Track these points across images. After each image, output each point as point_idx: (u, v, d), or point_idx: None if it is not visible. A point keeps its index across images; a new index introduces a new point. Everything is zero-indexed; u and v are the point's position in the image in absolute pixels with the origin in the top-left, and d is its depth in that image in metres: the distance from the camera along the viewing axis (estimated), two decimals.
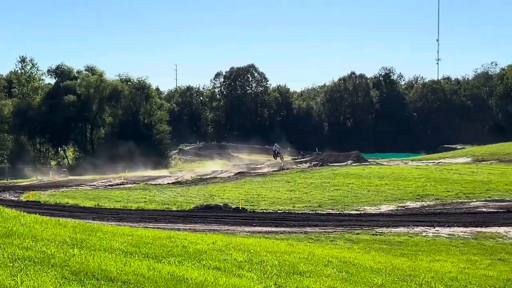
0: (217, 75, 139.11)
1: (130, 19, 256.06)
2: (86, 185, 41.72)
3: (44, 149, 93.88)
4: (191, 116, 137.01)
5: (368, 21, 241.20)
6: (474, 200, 30.59)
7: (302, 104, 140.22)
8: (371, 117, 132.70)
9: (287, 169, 54.44)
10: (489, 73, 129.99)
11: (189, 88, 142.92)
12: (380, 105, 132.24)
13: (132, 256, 9.19)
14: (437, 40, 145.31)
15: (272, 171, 52.86)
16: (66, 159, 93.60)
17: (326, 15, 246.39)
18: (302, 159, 73.40)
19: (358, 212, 27.15)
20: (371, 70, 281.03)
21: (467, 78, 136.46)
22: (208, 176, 48.71)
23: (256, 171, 53.53)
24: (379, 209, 28.65)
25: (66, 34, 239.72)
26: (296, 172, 49.75)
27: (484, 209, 27.08)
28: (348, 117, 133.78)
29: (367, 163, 61.69)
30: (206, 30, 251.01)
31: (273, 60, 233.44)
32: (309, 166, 57.09)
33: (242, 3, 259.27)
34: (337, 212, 27.04)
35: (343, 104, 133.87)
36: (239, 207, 27.93)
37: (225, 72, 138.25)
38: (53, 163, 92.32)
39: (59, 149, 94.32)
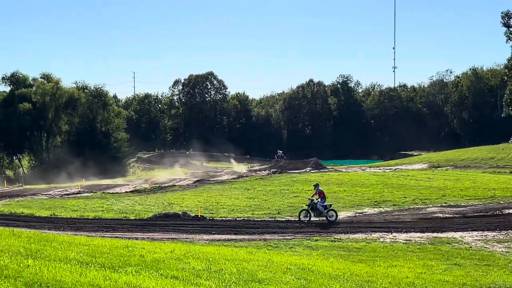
0: (176, 82, 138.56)
1: (87, 26, 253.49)
2: (42, 194, 40.98)
3: None
4: (150, 124, 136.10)
5: (326, 29, 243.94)
6: (431, 206, 31.08)
7: (261, 111, 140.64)
8: (329, 124, 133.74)
9: (246, 176, 54.43)
10: (444, 80, 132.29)
11: (147, 96, 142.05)
12: (338, 112, 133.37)
13: (88, 266, 9.05)
14: (393, 48, 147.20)
15: (231, 179, 52.76)
16: (21, 168, 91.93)
17: (284, 24, 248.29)
18: (262, 166, 73.56)
19: (317, 219, 27.30)
20: (329, 78, 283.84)
21: (423, 86, 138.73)
22: (166, 184, 48.34)
23: (215, 179, 53.38)
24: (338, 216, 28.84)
25: (21, 41, 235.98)
26: (256, 179, 49.77)
27: (440, 215, 27.53)
28: (306, 124, 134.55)
29: (326, 170, 62.11)
30: (165, 37, 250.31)
31: (232, 68, 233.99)
32: (268, 173, 57.19)
33: (200, 12, 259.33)
34: (296, 219, 27.13)
35: (301, 112, 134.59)
36: (198, 215, 27.80)
37: (184, 80, 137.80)
38: (8, 172, 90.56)
39: (14, 158, 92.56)
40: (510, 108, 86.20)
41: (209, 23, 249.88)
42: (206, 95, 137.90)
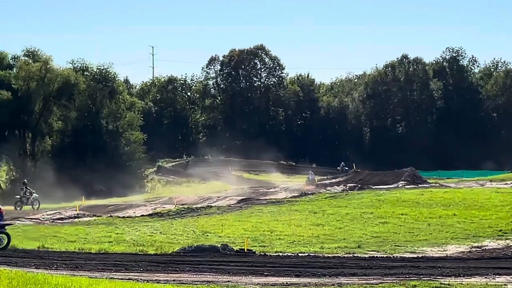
0: (212, 60, 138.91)
1: None
2: (26, 218, 41.73)
3: None
4: (175, 120, 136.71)
5: None
6: None
7: (332, 101, 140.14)
8: (432, 119, 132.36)
9: (311, 194, 54.30)
10: None
11: (171, 80, 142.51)
12: (445, 102, 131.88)
13: None
14: None
15: (290, 197, 52.71)
16: None
17: None
18: (334, 180, 73.38)
19: (415, 255, 27.04)
20: (430, 53, 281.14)
21: None
22: (199, 205, 48.61)
23: (267, 197, 53.41)
24: (445, 250, 28.56)
25: None
26: (325, 198, 49.64)
27: None
28: (398, 119, 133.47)
29: (427, 185, 61.51)
30: (194, 2, 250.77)
31: (290, 40, 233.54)
32: (343, 190, 56.94)
33: None
34: (385, 256, 26.94)
35: (391, 101, 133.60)
36: (244, 249, 27.90)
37: (223, 57, 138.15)
38: None
39: None
40: None
41: None
42: (255, 79, 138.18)
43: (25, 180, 55.36)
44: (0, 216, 27.80)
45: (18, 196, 52.39)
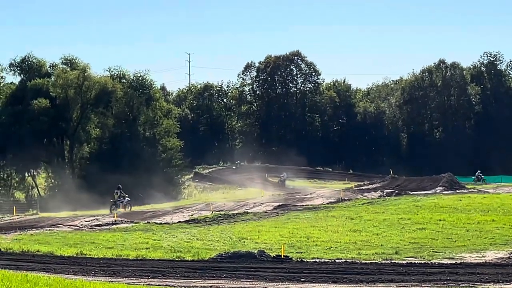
0: (248, 67, 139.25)
1: None
2: (64, 225, 42.09)
3: (5, 175, 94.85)
4: (212, 126, 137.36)
5: None
6: None
7: (369, 107, 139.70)
8: (470, 124, 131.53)
9: (348, 200, 54.21)
10: None
11: (207, 87, 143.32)
12: (483, 107, 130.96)
13: None
14: None
15: (327, 203, 52.66)
16: (36, 189, 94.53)
17: None
18: (371, 186, 73.19)
19: (453, 262, 26.86)
20: (468, 58, 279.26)
21: None
22: (235, 211, 48.71)
23: (304, 204, 53.37)
24: (484, 256, 28.33)
25: (37, 17, 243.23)
26: (362, 204, 49.53)
27: None
28: (436, 124, 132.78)
29: (465, 191, 61.20)
30: (229, 7, 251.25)
31: (326, 46, 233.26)
32: (380, 196, 56.76)
33: None
34: (422, 262, 26.78)
35: (428, 106, 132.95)
36: (280, 255, 27.87)
37: (259, 63, 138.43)
38: (18, 194, 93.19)
39: (26, 175, 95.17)
40: None
41: None
42: (291, 85, 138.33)
43: (119, 185, 58.11)
44: None
45: (113, 200, 56.33)
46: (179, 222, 43.89)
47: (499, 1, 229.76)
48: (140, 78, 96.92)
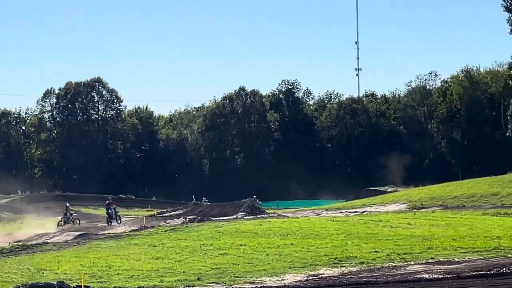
0: (47, 93, 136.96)
1: None
2: None
3: None
4: (9, 154, 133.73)
5: (262, 22, 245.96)
6: (412, 263, 31.51)
7: (172, 133, 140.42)
8: (269, 150, 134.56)
9: (151, 227, 53.98)
10: (427, 87, 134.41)
11: (4, 114, 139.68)
12: (281, 134, 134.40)
13: None
14: (356, 43, 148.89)
15: (130, 231, 52.20)
16: None
17: (197, 20, 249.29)
18: (173, 212, 73.29)
19: (254, 286, 27.23)
20: (267, 86, 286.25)
21: (398, 95, 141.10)
22: (34, 242, 47.41)
23: (106, 232, 52.69)
24: (283, 280, 28.86)
25: None
26: (165, 231, 49.36)
27: (426, 275, 27.96)
28: (237, 150, 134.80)
29: (265, 215, 62.12)
30: (32, 31, 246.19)
31: (127, 74, 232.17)
32: (183, 222, 56.87)
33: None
34: (224, 287, 27.00)
35: (230, 133, 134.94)
36: (81, 286, 27.35)
37: (59, 90, 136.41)
38: None
39: None
40: None
41: (87, 16, 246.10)
42: (92, 111, 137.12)
43: None
44: None
45: None
46: None
47: (295, 30, 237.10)
48: None
